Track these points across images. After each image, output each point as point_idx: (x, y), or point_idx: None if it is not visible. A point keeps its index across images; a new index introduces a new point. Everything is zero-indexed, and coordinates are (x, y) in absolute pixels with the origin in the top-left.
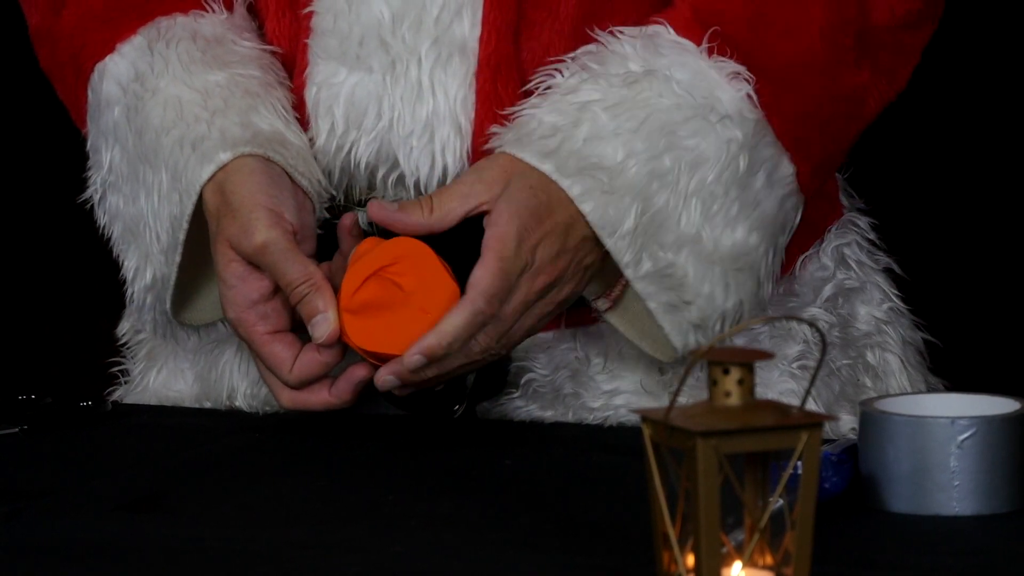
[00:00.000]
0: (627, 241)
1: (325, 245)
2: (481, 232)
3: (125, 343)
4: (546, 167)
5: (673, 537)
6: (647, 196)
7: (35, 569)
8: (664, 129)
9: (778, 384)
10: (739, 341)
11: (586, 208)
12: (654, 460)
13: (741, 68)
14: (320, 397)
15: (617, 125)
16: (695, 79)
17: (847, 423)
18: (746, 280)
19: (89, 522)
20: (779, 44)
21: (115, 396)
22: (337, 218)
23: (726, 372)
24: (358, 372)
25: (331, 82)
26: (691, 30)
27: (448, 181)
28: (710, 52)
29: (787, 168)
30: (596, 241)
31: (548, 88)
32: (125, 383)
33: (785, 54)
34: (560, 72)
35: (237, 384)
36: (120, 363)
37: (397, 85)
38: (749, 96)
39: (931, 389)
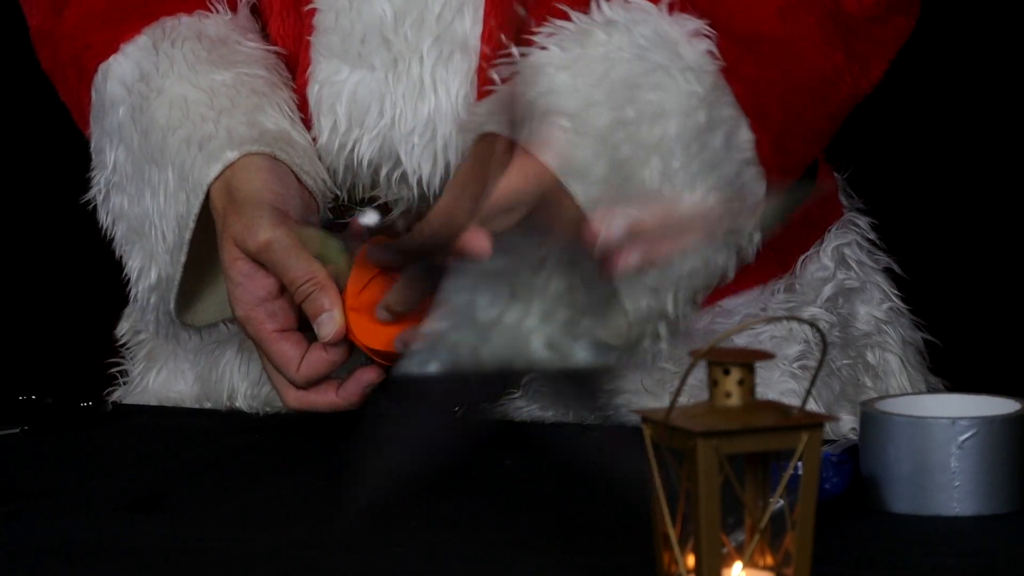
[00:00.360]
0: (597, 191)
1: None
2: None
3: (124, 344)
4: (494, 126)
5: (673, 537)
6: (614, 145)
7: (35, 569)
8: (627, 82)
9: (779, 384)
10: (739, 341)
11: (547, 157)
12: (654, 460)
13: (701, 24)
14: (327, 398)
15: (575, 82)
16: (656, 36)
17: (847, 423)
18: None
19: (89, 522)
20: (738, 17)
21: (114, 397)
22: (341, 218)
23: (726, 372)
24: (367, 375)
25: (333, 80)
26: None
27: (450, 178)
28: (671, 9)
29: (746, 134)
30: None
31: None
32: (124, 384)
33: (744, 27)
34: None
35: (237, 385)
36: (120, 364)
37: (399, 83)
38: (710, 52)
39: (931, 389)
